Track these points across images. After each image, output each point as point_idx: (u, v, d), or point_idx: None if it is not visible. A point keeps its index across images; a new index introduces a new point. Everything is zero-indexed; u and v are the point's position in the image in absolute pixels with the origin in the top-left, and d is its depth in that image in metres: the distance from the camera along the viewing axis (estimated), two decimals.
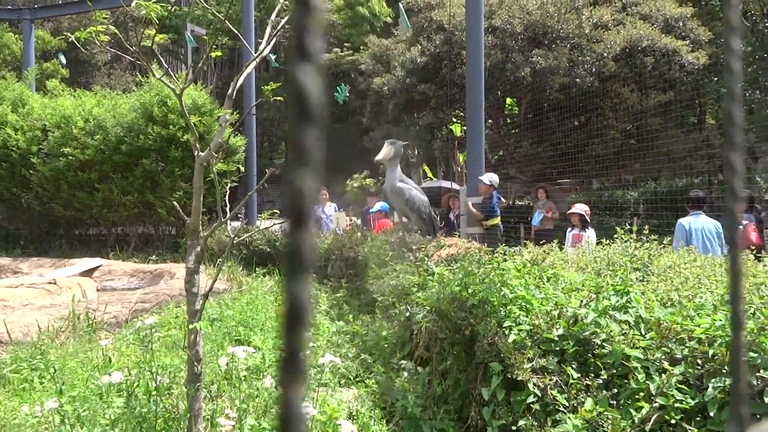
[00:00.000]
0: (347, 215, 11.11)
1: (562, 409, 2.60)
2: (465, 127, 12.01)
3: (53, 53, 23.88)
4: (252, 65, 3.13)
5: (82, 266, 8.81)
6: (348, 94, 13.58)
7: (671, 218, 11.16)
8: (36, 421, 3.13)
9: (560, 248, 5.02)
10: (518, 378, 2.75)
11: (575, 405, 2.59)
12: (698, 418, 2.34)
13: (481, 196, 8.03)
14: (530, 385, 2.71)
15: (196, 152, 2.88)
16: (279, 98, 3.42)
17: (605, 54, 12.11)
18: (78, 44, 3.31)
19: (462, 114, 14.01)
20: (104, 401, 3.12)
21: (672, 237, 5.99)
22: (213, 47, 3.41)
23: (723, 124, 0.45)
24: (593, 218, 7.75)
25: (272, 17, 3.31)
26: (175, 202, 3.22)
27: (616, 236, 4.53)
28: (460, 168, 16.02)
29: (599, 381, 2.63)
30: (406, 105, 14.44)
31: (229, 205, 3.34)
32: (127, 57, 3.39)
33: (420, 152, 16.25)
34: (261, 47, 3.13)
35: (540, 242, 5.00)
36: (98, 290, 7.62)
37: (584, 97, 12.23)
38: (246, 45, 3.89)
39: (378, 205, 9.29)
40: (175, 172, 10.87)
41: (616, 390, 2.58)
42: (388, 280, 5.26)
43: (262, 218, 5.24)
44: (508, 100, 14.86)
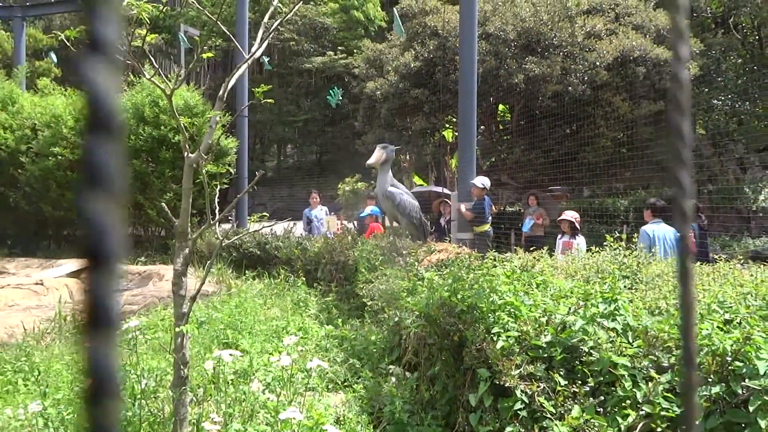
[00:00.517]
0: (338, 218, 11.08)
1: (549, 416, 2.60)
2: (457, 133, 12.03)
3: (45, 51, 23.74)
4: (244, 67, 3.12)
5: (70, 267, 8.73)
6: (341, 98, 13.58)
7: None
8: (19, 425, 3.09)
9: (550, 255, 5.03)
10: (506, 384, 2.75)
11: (562, 412, 2.59)
12: (684, 427, 2.34)
13: (473, 201, 8.06)
14: (518, 392, 2.71)
15: (186, 153, 2.86)
16: (270, 101, 3.41)
17: (598, 63, 12.20)
18: (68, 44, 3.29)
19: (454, 120, 14.05)
20: None
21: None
22: (206, 48, 3.40)
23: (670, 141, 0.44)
24: (583, 225, 7.78)
25: (265, 19, 3.31)
26: (165, 204, 3.19)
27: (606, 244, 4.55)
28: (452, 173, 16.05)
29: (586, 388, 2.63)
30: (399, 110, 14.46)
31: (220, 208, 3.32)
32: (119, 57, 3.36)
33: (412, 157, 16.26)
34: (254, 49, 3.12)
35: (530, 249, 5.02)
36: None
37: (576, 105, 12.31)
38: (239, 47, 3.87)
39: (368, 209, 9.28)
40: (166, 174, 10.82)
41: (603, 397, 2.58)
42: (378, 285, 5.26)
43: (252, 220, 5.21)
44: (501, 107, 14.92)
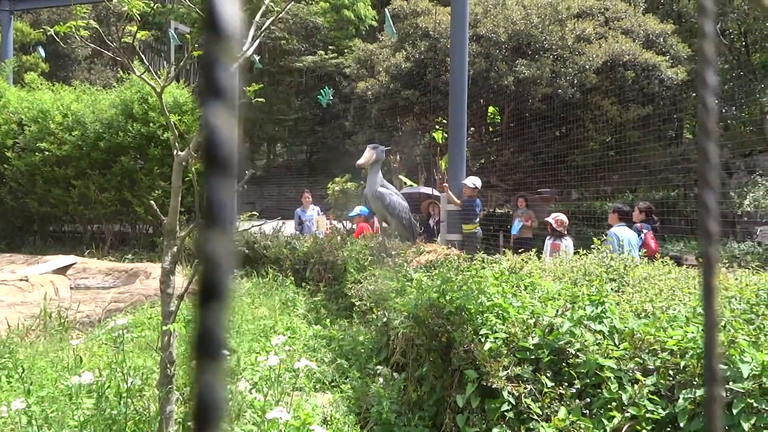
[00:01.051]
0: (328, 218, 11.06)
1: (536, 418, 2.61)
2: (447, 135, 12.07)
3: (32, 46, 23.49)
4: (235, 65, 3.10)
5: (56, 263, 8.65)
6: (332, 98, 13.57)
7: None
8: (2, 422, 3.06)
9: (539, 257, 5.06)
10: (493, 386, 2.76)
11: (549, 414, 2.61)
12: (669, 429, 2.37)
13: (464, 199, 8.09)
14: (505, 393, 2.72)
15: (176, 151, 2.85)
16: (261, 100, 3.40)
17: (587, 66, 12.28)
18: (57, 39, 3.26)
19: (445, 121, 14.08)
20: (73, 402, 3.06)
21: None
22: (196, 46, 3.38)
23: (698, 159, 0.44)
24: (571, 228, 7.84)
25: (257, 18, 3.30)
26: (153, 201, 3.17)
27: (593, 246, 4.59)
28: (441, 175, 16.09)
29: (573, 390, 2.65)
30: (390, 110, 14.47)
31: None
32: (108, 53, 3.34)
33: (402, 158, 16.29)
34: (245, 48, 3.11)
35: (519, 250, 5.04)
36: (72, 288, 7.48)
37: (566, 108, 12.38)
38: None
39: (357, 209, 9.28)
40: (154, 171, 10.75)
41: (589, 399, 2.60)
42: (367, 285, 5.26)
43: (242, 219, 5.20)
44: (491, 109, 14.97)
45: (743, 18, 13.23)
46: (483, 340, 2.96)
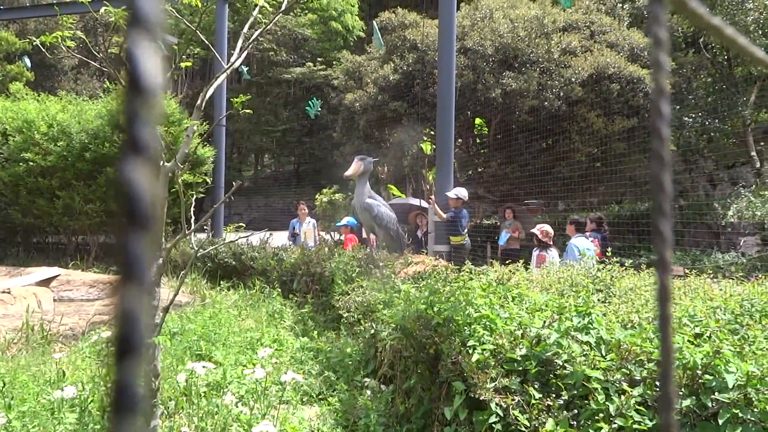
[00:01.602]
0: (317, 230, 11.03)
1: (524, 430, 2.60)
2: (435, 146, 12.13)
3: (18, 55, 23.33)
4: (222, 76, 3.10)
5: (39, 275, 8.53)
6: (320, 109, 13.59)
7: (634, 241, 11.45)
8: None
9: (526, 268, 5.07)
10: (481, 398, 2.75)
11: (536, 425, 2.60)
12: None
13: (450, 210, 8.11)
14: (492, 405, 2.71)
15: (162, 162, 2.83)
16: (249, 111, 3.40)
17: (573, 79, 12.42)
18: (44, 49, 3.24)
19: (432, 132, 14.15)
20: (55, 417, 3.01)
21: (636, 259, 6.22)
22: (184, 57, 3.38)
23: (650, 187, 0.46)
24: (557, 239, 7.92)
25: (245, 29, 3.30)
26: None
27: (580, 257, 4.61)
28: (429, 186, 16.13)
29: (560, 401, 2.64)
30: (378, 121, 14.52)
31: (195, 217, 3.28)
32: (95, 64, 3.32)
33: (389, 169, 16.33)
34: (233, 58, 3.11)
35: (506, 262, 5.05)
36: (55, 301, 7.38)
37: (552, 120, 12.49)
38: (217, 56, 3.85)
39: (345, 220, 9.27)
40: None
41: (577, 410, 2.60)
42: (354, 297, 5.24)
43: (228, 231, 5.17)
44: (478, 121, 15.07)
45: None
46: (471, 352, 2.95)
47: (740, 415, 2.20)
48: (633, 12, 15.64)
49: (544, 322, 3.07)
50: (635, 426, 2.35)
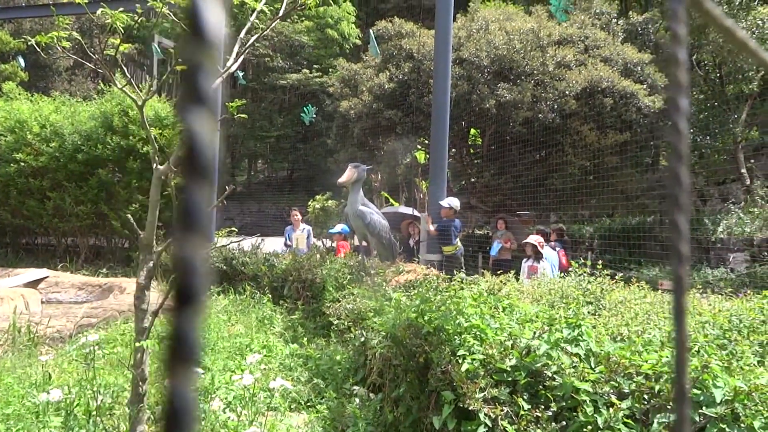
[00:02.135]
0: (311, 237, 11.00)
1: None
2: (429, 155, 12.16)
3: (12, 55, 23.23)
4: (218, 81, 3.10)
5: (27, 277, 8.45)
6: (315, 115, 13.61)
7: (624, 254, 11.50)
8: None
9: (517, 279, 5.09)
10: (470, 407, 2.74)
11: None
12: None
13: (441, 220, 8.12)
14: (481, 415, 2.71)
15: (155, 165, 2.82)
16: (243, 116, 3.40)
17: (567, 92, 12.51)
18: (38, 49, 3.23)
19: (427, 141, 14.20)
20: (40, 420, 2.98)
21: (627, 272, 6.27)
22: (179, 60, 3.38)
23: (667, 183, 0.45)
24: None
25: (241, 34, 3.31)
26: (130, 215, 3.13)
27: (571, 269, 4.63)
28: (422, 195, 16.16)
29: (549, 413, 2.64)
30: (372, 129, 14.56)
31: None
32: (90, 65, 3.32)
33: (383, 177, 16.35)
34: (228, 63, 3.11)
35: (498, 272, 5.07)
36: (43, 302, 7.32)
37: (546, 133, 12.57)
38: None
39: (338, 227, 9.27)
40: (132, 184, 10.63)
41: (565, 422, 2.60)
42: (345, 304, 5.23)
43: (220, 235, 5.15)
44: (472, 131, 15.14)
45: (718, 50, 13.63)
46: (460, 361, 2.95)
47: (727, 430, 2.21)
48: (627, 28, 15.80)
49: (534, 333, 3.07)
50: None
